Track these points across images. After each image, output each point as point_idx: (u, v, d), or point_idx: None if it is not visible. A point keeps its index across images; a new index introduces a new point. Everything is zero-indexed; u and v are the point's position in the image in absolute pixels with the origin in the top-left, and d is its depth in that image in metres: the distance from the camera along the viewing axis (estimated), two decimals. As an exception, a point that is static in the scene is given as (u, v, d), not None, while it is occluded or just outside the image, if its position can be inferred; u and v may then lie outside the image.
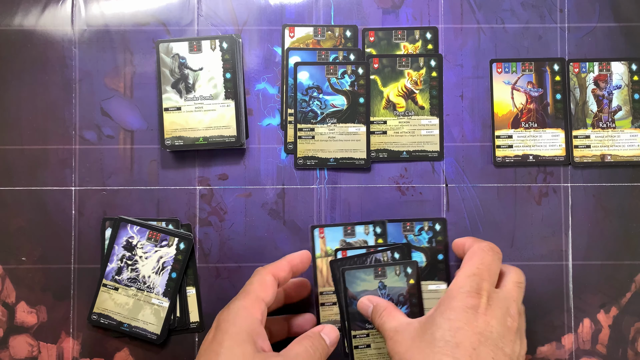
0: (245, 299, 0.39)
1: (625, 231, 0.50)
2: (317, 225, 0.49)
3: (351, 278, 0.45)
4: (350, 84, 0.49)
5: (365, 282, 0.45)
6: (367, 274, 0.45)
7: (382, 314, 0.42)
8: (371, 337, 0.45)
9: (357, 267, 0.45)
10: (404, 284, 0.45)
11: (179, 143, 0.48)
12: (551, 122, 0.50)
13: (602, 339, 0.49)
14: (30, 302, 0.49)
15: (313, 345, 0.40)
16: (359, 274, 0.45)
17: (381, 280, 0.45)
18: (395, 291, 0.45)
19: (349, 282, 0.45)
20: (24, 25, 0.50)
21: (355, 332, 0.45)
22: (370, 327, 0.45)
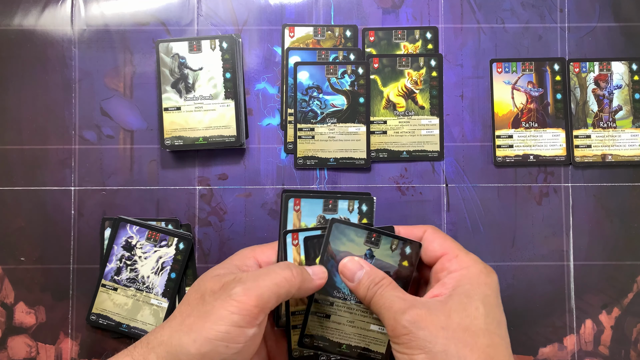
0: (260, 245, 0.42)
1: (627, 231, 0.49)
2: (291, 192, 0.43)
3: (338, 233, 0.40)
4: (350, 84, 0.49)
5: (352, 244, 0.40)
6: (359, 235, 0.40)
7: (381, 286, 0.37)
8: (335, 307, 0.40)
9: (351, 224, 0.40)
10: (394, 263, 0.40)
11: (178, 143, 0.48)
12: (552, 122, 0.50)
13: (604, 340, 0.49)
14: (29, 302, 0.49)
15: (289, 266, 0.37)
16: (348, 232, 0.40)
17: (371, 248, 0.40)
18: (382, 266, 0.40)
19: (334, 237, 0.40)
20: (24, 25, 0.50)
21: (318, 295, 0.40)
22: (338, 296, 0.40)
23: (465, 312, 0.35)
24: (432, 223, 0.49)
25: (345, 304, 0.40)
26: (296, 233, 0.41)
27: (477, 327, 0.34)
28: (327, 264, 0.40)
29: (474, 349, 0.34)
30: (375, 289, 0.37)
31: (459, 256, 0.38)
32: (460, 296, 0.36)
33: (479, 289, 0.36)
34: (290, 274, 0.36)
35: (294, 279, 0.36)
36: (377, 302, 0.37)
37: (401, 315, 0.35)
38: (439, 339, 0.34)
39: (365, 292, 0.38)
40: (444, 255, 0.39)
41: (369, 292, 0.38)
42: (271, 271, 0.36)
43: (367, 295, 0.38)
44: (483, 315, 0.35)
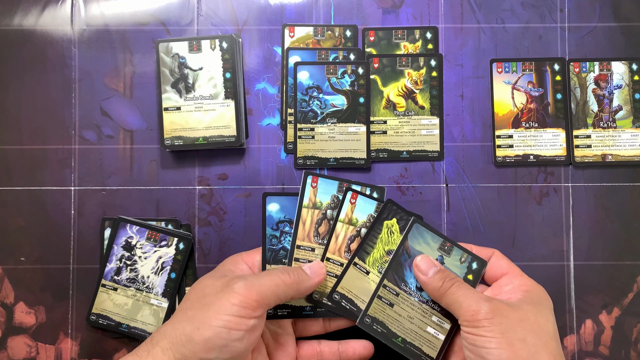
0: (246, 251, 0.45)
1: (627, 231, 0.49)
2: (312, 172, 0.46)
3: (417, 233, 0.43)
4: (350, 84, 0.49)
5: (427, 247, 0.43)
6: (435, 240, 0.43)
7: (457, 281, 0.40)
8: (400, 298, 0.43)
9: (430, 229, 0.43)
10: (460, 274, 0.43)
11: (178, 143, 0.48)
12: (552, 122, 0.50)
13: (604, 340, 0.49)
14: (29, 302, 0.48)
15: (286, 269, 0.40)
16: (426, 235, 0.43)
17: (443, 255, 0.43)
18: None
19: (412, 235, 0.43)
20: (24, 25, 0.50)
21: (387, 282, 0.43)
22: (404, 290, 0.43)
23: (539, 314, 0.38)
24: (431, 223, 0.49)
25: (409, 299, 0.43)
26: (316, 177, 0.46)
27: (548, 330, 0.38)
28: (400, 257, 0.43)
29: (546, 348, 0.37)
30: (450, 283, 0.40)
31: (523, 276, 0.42)
32: (534, 302, 0.39)
33: (546, 303, 0.40)
34: (287, 277, 0.40)
35: (291, 282, 0.40)
36: (453, 293, 0.40)
37: (485, 302, 0.38)
38: (519, 328, 0.37)
39: (439, 284, 0.40)
40: (509, 273, 0.42)
41: (444, 284, 0.40)
42: (272, 273, 0.40)
43: (442, 287, 0.40)
44: (552, 323, 0.39)
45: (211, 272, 0.42)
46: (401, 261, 0.43)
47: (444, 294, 0.40)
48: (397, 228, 0.44)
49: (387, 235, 0.44)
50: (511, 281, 0.42)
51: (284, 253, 0.46)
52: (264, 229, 0.45)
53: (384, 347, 0.44)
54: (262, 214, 0.46)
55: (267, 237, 0.45)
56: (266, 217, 0.46)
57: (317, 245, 0.45)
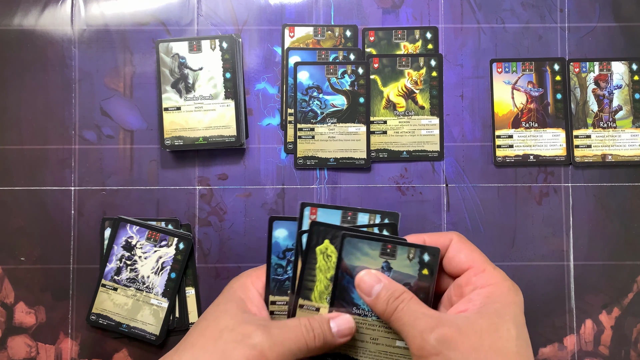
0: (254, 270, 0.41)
1: (627, 231, 0.49)
2: (309, 203, 0.41)
3: (351, 248, 0.38)
4: (350, 84, 0.49)
5: (367, 258, 0.38)
6: (373, 247, 0.38)
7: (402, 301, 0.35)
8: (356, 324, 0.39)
9: (363, 237, 0.38)
10: (414, 273, 0.38)
11: (178, 143, 0.48)
12: (552, 122, 0.50)
13: (604, 340, 0.49)
14: (29, 302, 0.48)
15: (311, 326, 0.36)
16: (362, 245, 0.38)
17: (388, 260, 0.38)
18: (400, 278, 0.38)
19: (347, 252, 0.38)
20: (24, 25, 0.50)
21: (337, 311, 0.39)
22: (357, 313, 0.38)
23: (497, 334, 0.33)
24: (431, 223, 0.49)
25: (367, 320, 0.39)
26: (315, 207, 0.41)
27: (508, 349, 0.33)
28: (342, 281, 0.38)
29: None
30: (395, 304, 0.36)
31: (486, 270, 0.37)
32: (491, 315, 0.34)
33: (509, 309, 0.35)
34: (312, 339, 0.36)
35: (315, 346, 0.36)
36: (399, 318, 0.35)
37: (429, 333, 0.33)
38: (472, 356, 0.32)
39: (384, 306, 0.36)
40: (470, 268, 0.37)
41: (388, 307, 0.36)
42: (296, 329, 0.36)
43: (386, 310, 0.36)
44: (514, 337, 0.34)
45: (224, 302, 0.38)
46: (344, 285, 0.38)
47: (389, 318, 0.36)
48: (333, 249, 0.39)
49: (325, 261, 0.40)
50: (471, 281, 0.37)
51: (289, 284, 0.41)
52: (268, 256, 0.41)
53: None
54: (268, 240, 0.42)
55: (272, 267, 0.41)
56: (272, 245, 0.41)
57: None
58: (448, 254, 0.38)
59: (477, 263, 0.37)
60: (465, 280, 0.37)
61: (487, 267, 0.37)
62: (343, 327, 0.37)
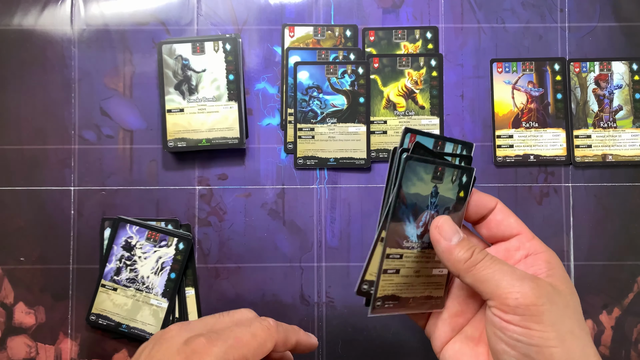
0: None
1: (627, 231, 0.49)
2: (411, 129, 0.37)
3: (410, 173, 0.35)
4: (351, 84, 0.49)
5: (421, 183, 0.35)
6: (427, 171, 0.35)
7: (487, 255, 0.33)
8: (404, 259, 0.36)
9: (424, 160, 0.35)
10: (453, 196, 0.36)
11: (181, 144, 0.48)
12: (552, 122, 0.50)
13: (604, 341, 0.49)
14: (29, 302, 0.48)
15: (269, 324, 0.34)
16: (419, 169, 0.35)
17: (436, 184, 0.36)
18: (443, 203, 0.36)
19: (406, 178, 0.35)
20: (23, 24, 0.50)
21: (390, 249, 0.35)
22: (407, 247, 0.36)
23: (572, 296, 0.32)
24: (432, 223, 0.49)
25: (412, 253, 0.36)
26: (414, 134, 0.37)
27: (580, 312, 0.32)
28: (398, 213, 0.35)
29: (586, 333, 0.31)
30: (483, 254, 0.33)
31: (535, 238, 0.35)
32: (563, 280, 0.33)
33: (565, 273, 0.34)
34: None
35: None
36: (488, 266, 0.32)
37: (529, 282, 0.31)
38: (566, 317, 0.31)
39: (469, 254, 0.33)
40: (521, 234, 0.35)
41: (474, 255, 0.33)
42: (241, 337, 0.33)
43: (471, 259, 0.33)
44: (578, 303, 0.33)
45: None
46: (399, 216, 0.35)
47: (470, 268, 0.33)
48: None
49: None
50: (525, 246, 0.35)
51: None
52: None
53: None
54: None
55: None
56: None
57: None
58: (496, 217, 0.36)
59: (525, 230, 0.36)
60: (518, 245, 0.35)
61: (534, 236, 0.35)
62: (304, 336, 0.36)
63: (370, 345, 0.49)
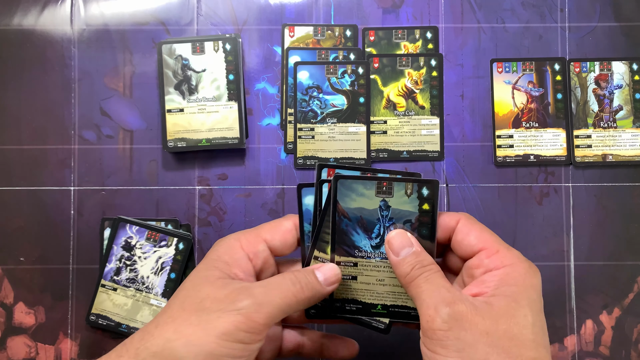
0: (244, 232, 0.37)
1: (627, 231, 0.49)
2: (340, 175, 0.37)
3: (345, 190, 0.36)
4: (351, 84, 0.49)
5: (363, 198, 0.36)
6: (368, 187, 0.36)
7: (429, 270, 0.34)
8: (360, 267, 0.37)
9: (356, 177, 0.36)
10: (414, 209, 0.36)
11: (181, 145, 0.48)
12: (552, 122, 0.50)
13: (605, 341, 0.49)
14: (29, 302, 0.48)
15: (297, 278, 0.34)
16: (356, 186, 0.36)
17: (385, 198, 0.36)
18: (400, 216, 0.36)
19: (342, 194, 0.36)
20: (23, 24, 0.50)
21: (339, 257, 0.37)
22: (360, 256, 0.37)
23: (513, 320, 0.31)
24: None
25: (370, 262, 0.37)
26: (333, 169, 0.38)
27: (524, 337, 0.31)
28: (340, 225, 0.37)
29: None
30: (420, 271, 0.34)
31: (500, 252, 0.34)
32: (507, 299, 0.32)
33: (525, 293, 0.32)
34: (301, 291, 0.34)
35: (304, 297, 0.34)
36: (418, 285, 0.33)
37: (444, 306, 0.31)
38: (480, 344, 0.30)
39: (408, 270, 0.34)
40: (483, 250, 0.35)
41: (413, 271, 0.34)
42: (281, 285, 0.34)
43: (410, 274, 0.34)
44: (531, 324, 0.31)
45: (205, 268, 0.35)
46: (343, 229, 0.37)
47: (409, 284, 0.34)
48: None
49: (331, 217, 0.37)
50: (484, 263, 0.34)
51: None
52: (301, 225, 0.38)
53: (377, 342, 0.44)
54: (299, 209, 0.39)
55: (306, 234, 0.39)
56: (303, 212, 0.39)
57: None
58: (456, 237, 0.36)
59: (488, 244, 0.35)
60: (477, 263, 0.35)
61: (501, 247, 0.34)
62: (329, 274, 0.36)
63: (370, 345, 0.49)
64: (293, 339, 0.40)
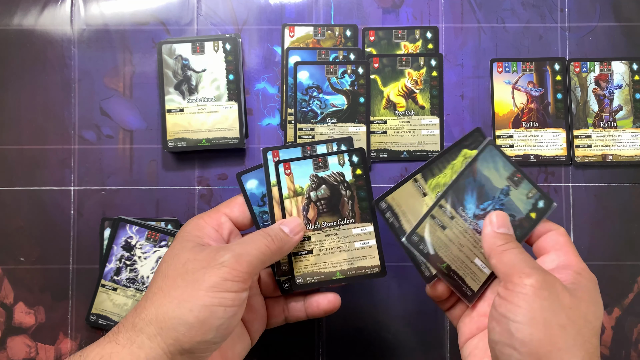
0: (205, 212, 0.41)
1: (627, 231, 0.49)
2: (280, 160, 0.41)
3: (489, 156, 0.39)
4: (351, 84, 0.49)
5: (495, 174, 0.39)
6: (506, 168, 0.39)
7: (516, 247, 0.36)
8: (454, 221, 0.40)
9: (504, 155, 0.39)
10: (524, 210, 0.39)
11: (181, 145, 0.48)
12: (552, 122, 0.50)
13: (605, 341, 0.49)
14: (29, 302, 0.48)
15: (267, 232, 0.37)
16: (498, 160, 0.39)
17: (510, 186, 0.39)
18: (511, 208, 0.39)
19: (483, 158, 0.39)
20: (23, 24, 0.50)
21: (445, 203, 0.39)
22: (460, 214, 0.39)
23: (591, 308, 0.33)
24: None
25: (464, 225, 0.39)
26: (287, 162, 0.41)
27: (593, 325, 0.33)
28: (464, 179, 0.39)
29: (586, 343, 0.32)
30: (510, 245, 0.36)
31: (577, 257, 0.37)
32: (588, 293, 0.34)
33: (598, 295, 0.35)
34: (272, 243, 0.37)
35: (275, 247, 0.37)
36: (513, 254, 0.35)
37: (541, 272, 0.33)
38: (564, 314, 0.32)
39: (502, 241, 0.36)
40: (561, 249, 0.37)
41: (507, 243, 0.36)
42: (254, 239, 0.37)
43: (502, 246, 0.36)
44: (599, 318, 0.34)
45: (179, 242, 0.37)
46: (464, 183, 0.39)
47: (500, 254, 0.36)
48: None
49: (462, 165, 0.40)
50: (559, 257, 0.37)
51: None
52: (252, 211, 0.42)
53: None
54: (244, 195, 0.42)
55: (258, 216, 0.42)
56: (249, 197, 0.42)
57: (312, 233, 0.41)
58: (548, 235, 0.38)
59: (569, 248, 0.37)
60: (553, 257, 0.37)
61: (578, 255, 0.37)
62: (292, 225, 0.39)
63: (370, 345, 0.49)
64: (277, 308, 0.42)
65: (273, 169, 0.41)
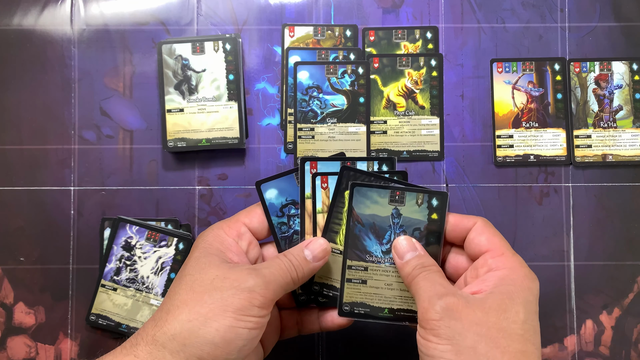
0: (224, 221, 0.41)
1: (627, 231, 0.49)
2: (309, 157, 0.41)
3: (361, 197, 0.39)
4: (351, 84, 0.49)
5: (377, 206, 0.39)
6: (382, 195, 0.39)
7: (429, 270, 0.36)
8: (370, 272, 0.40)
9: (371, 185, 0.39)
10: (424, 218, 0.39)
11: (181, 145, 0.48)
12: (552, 122, 0.50)
13: (604, 341, 0.49)
14: (29, 302, 0.48)
15: (291, 262, 0.38)
16: (371, 194, 0.39)
17: (397, 207, 0.39)
18: (410, 224, 0.39)
19: (357, 201, 0.39)
20: (23, 24, 0.50)
21: (351, 261, 0.40)
22: (371, 260, 0.40)
23: (504, 314, 0.33)
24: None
25: (380, 267, 0.40)
26: (325, 176, 0.41)
27: (513, 331, 0.33)
28: (354, 230, 0.40)
29: (505, 353, 0.32)
30: (421, 270, 0.36)
31: (504, 255, 0.36)
32: (502, 296, 0.34)
33: (522, 293, 0.34)
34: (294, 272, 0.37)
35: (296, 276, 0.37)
36: (417, 283, 0.36)
37: (437, 299, 0.33)
38: (470, 333, 0.32)
39: (410, 270, 0.37)
40: (489, 251, 0.37)
41: (413, 271, 0.37)
42: (280, 266, 0.37)
43: (411, 274, 0.37)
44: (522, 320, 0.33)
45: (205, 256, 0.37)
46: (356, 233, 0.39)
47: (410, 283, 0.37)
48: None
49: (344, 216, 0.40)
50: (487, 263, 0.36)
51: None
52: (269, 220, 0.41)
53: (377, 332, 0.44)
54: (263, 205, 0.42)
55: (276, 226, 0.42)
56: (267, 207, 0.42)
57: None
58: (470, 236, 0.38)
59: (496, 247, 0.37)
60: (482, 262, 0.37)
61: (506, 252, 0.37)
62: (317, 251, 0.39)
63: (371, 345, 0.49)
64: (291, 320, 0.43)
65: (309, 181, 0.41)
